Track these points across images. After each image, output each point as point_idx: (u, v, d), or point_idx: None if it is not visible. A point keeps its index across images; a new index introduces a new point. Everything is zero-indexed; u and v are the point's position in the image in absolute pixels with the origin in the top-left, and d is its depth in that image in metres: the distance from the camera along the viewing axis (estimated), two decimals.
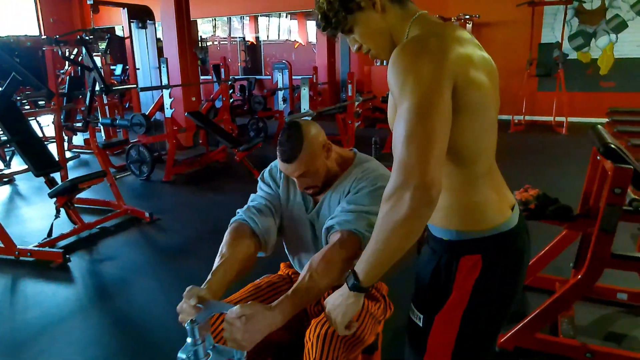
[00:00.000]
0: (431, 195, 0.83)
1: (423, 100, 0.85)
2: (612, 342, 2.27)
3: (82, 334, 2.39)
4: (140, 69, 6.29)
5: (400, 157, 0.86)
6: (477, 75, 0.92)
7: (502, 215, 1.01)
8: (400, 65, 0.88)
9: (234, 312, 1.04)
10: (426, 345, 1.06)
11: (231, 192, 5.03)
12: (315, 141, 1.38)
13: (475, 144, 0.97)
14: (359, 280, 0.97)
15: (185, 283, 3.07)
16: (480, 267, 0.98)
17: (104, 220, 3.86)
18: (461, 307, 1.00)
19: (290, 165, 1.37)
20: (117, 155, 6.37)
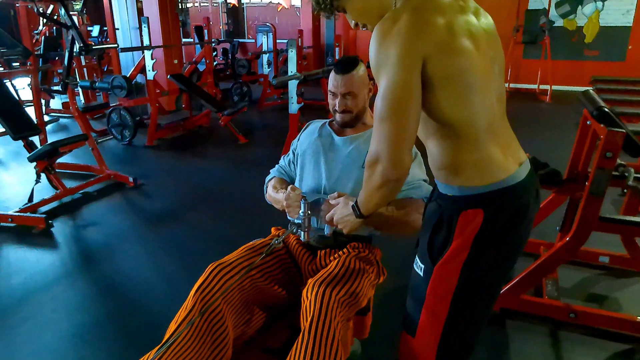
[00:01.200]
0: (399, 173, 1.00)
1: (392, 84, 0.93)
2: (594, 302, 2.34)
3: (67, 300, 2.36)
4: (119, 29, 6.03)
5: (375, 136, 0.99)
6: (457, 43, 0.95)
7: (505, 170, 1.01)
8: (375, 46, 0.96)
9: (333, 196, 1.42)
10: (425, 295, 1.08)
11: (215, 157, 4.96)
12: (365, 74, 1.63)
13: (463, 107, 0.98)
14: (361, 212, 1.22)
15: (170, 249, 3.06)
16: (481, 221, 0.99)
17: (87, 186, 3.78)
18: (460, 259, 1.02)
19: (342, 77, 1.59)
20: (97, 119, 6.19)
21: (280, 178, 1.80)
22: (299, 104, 4.27)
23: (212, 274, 1.37)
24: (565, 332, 2.09)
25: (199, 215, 3.43)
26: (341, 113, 1.64)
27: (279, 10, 11.68)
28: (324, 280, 1.32)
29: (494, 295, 1.13)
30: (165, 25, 6.02)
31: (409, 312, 1.17)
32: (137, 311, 2.26)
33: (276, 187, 1.72)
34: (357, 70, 1.59)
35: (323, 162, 1.66)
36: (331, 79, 1.63)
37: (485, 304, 1.12)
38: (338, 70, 1.60)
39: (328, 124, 1.77)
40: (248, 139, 5.40)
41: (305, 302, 1.28)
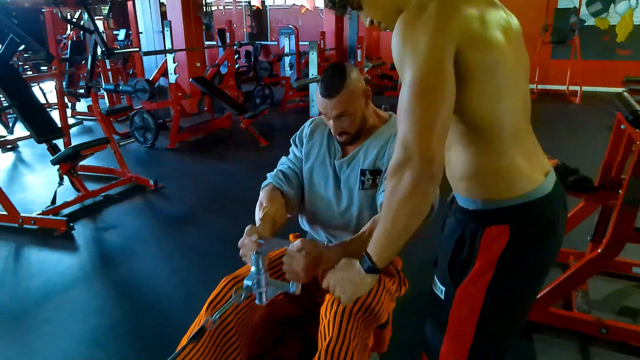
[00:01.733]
0: (432, 171, 0.82)
1: (422, 74, 0.83)
2: (627, 317, 2.21)
3: (85, 302, 2.36)
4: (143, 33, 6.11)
5: (401, 133, 0.85)
6: (489, 34, 0.86)
7: (531, 182, 0.93)
8: (400, 36, 0.86)
9: (296, 246, 1.13)
10: (448, 320, 1.00)
11: (236, 160, 4.95)
12: (357, 83, 1.39)
13: (493, 106, 0.89)
14: (374, 262, 0.96)
15: (188, 252, 3.04)
16: (507, 238, 0.91)
17: (108, 188, 3.81)
18: (485, 280, 0.93)
19: (330, 101, 1.37)
20: (121, 122, 6.27)
21: (272, 189, 1.52)
22: None
23: (226, 289, 1.33)
24: (596, 348, 1.97)
25: (218, 219, 3.41)
26: (339, 136, 1.46)
27: (303, 12, 11.67)
28: None
29: (522, 316, 1.03)
30: (188, 28, 6.06)
31: (430, 337, 1.08)
32: (152, 316, 2.24)
33: (261, 204, 1.45)
34: (346, 86, 1.36)
35: (331, 189, 1.50)
36: (318, 100, 1.41)
37: (513, 326, 1.03)
38: (324, 93, 1.38)
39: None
40: (269, 142, 5.37)
41: (324, 321, 1.21)
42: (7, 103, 3.36)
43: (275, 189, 1.53)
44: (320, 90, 1.39)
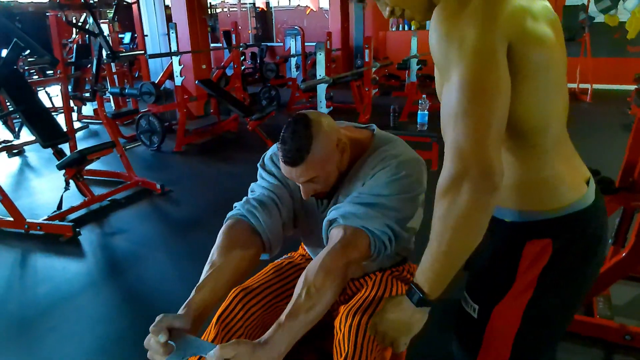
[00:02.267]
0: (494, 181, 0.72)
1: (473, 73, 0.72)
2: None
3: (92, 310, 2.31)
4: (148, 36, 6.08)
5: (452, 141, 0.74)
6: (539, 29, 0.77)
7: (576, 191, 0.85)
8: (441, 31, 0.74)
9: (214, 357, 0.83)
10: (482, 340, 0.92)
11: (243, 162, 4.90)
12: (327, 140, 1.10)
13: (541, 110, 0.81)
14: (425, 293, 0.85)
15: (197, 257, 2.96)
16: (550, 253, 0.83)
17: (115, 193, 3.76)
18: (525, 298, 0.86)
19: (294, 169, 1.10)
20: (127, 125, 6.24)
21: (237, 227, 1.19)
22: (328, 107, 4.16)
23: (235, 301, 1.26)
24: (620, 356, 1.90)
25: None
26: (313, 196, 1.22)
27: (308, 13, 11.62)
28: (358, 307, 1.17)
29: (561, 333, 0.96)
30: (194, 30, 6.03)
31: (459, 358, 1.01)
32: None
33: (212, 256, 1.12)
34: (311, 152, 1.08)
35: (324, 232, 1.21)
36: (281, 165, 1.14)
37: (551, 344, 0.96)
38: (285, 162, 1.10)
39: None
40: None
41: (339, 334, 1.14)
42: (13, 108, 3.33)
43: (240, 225, 1.19)
44: (281, 155, 1.10)
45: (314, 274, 0.99)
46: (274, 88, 7.52)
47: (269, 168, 1.32)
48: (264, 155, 1.37)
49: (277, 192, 1.25)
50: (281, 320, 0.92)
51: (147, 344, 0.94)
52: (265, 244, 1.20)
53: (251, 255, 1.15)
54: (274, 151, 1.35)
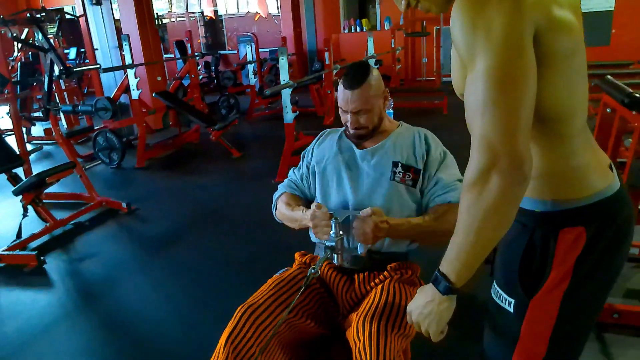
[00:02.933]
0: (524, 172, 0.73)
1: (500, 62, 0.71)
2: (634, 299, 2.20)
3: (70, 343, 2.16)
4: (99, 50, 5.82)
5: (480, 132, 0.73)
6: (565, 15, 0.76)
7: (604, 178, 0.85)
8: (465, 19, 0.73)
9: (366, 212, 1.30)
10: (519, 334, 0.90)
11: (210, 173, 4.77)
12: (377, 81, 1.46)
13: (569, 97, 0.80)
14: (452, 281, 0.85)
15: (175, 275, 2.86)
16: (584, 241, 0.82)
17: (78, 215, 3.56)
18: (562, 288, 0.85)
19: (352, 93, 1.42)
20: (81, 144, 5.96)
21: (291, 194, 1.62)
22: (294, 112, 4.12)
23: (243, 319, 1.20)
24: (611, 335, 1.95)
25: (202, 236, 3.25)
26: (354, 130, 1.50)
27: (256, 19, 11.54)
28: (373, 315, 1.16)
29: (594, 322, 0.96)
30: (146, 41, 5.83)
31: (494, 355, 0.99)
32: (148, 349, 2.07)
33: (290, 204, 1.54)
34: (368, 81, 1.43)
35: (347, 180, 1.49)
36: (340, 93, 1.46)
37: (586, 333, 0.95)
38: (346, 85, 1.43)
39: (346, 135, 1.59)
40: (241, 152, 5.22)
41: (358, 344, 1.11)
42: None
43: (293, 194, 1.61)
44: (343, 83, 1.44)
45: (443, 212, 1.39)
46: (232, 96, 7.40)
47: (307, 154, 1.67)
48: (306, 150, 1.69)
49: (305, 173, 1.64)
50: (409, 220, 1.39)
51: (312, 215, 1.37)
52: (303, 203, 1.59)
53: None
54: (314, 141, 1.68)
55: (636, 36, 8.20)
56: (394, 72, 8.61)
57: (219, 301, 2.35)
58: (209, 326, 2.15)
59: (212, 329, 2.16)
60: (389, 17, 9.97)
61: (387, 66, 8.77)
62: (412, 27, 9.84)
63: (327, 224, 1.31)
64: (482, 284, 1.25)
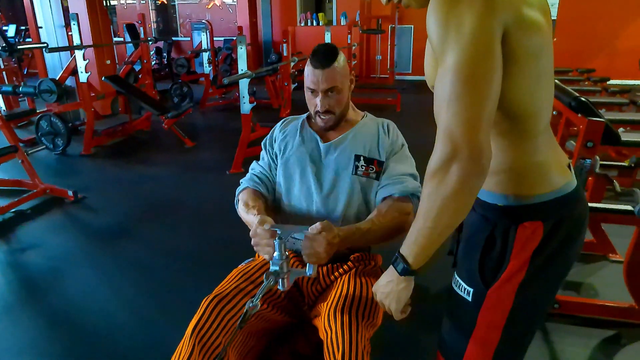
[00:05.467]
0: (482, 164, 0.76)
1: (468, 57, 0.74)
2: (572, 290, 2.36)
3: (13, 339, 2.03)
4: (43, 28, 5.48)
5: (444, 124, 0.77)
6: (533, 15, 0.79)
7: (563, 175, 0.90)
8: (438, 15, 0.75)
9: (316, 229, 1.18)
10: (476, 322, 0.95)
11: (161, 163, 4.63)
12: (346, 62, 1.46)
13: (533, 95, 0.84)
14: (409, 263, 0.90)
15: (126, 268, 2.77)
16: (541, 235, 0.87)
17: (19, 203, 3.35)
18: (517, 280, 0.90)
19: (322, 72, 1.40)
20: (21, 127, 5.61)
21: (253, 190, 1.52)
22: (251, 103, 4.07)
23: (209, 310, 1.19)
24: (552, 324, 2.08)
25: (153, 228, 3.15)
26: (323, 114, 1.46)
27: (209, 7, 11.27)
28: (343, 306, 1.19)
29: (546, 312, 1.02)
30: (95, 23, 5.55)
31: (451, 341, 1.03)
32: (98, 344, 1.99)
33: (247, 204, 1.44)
34: (338, 60, 1.42)
35: (311, 175, 1.47)
36: (309, 74, 1.43)
37: (538, 322, 1.01)
38: (317, 64, 1.40)
39: (308, 124, 1.58)
40: (195, 142, 5.10)
41: (330, 334, 1.13)
42: None
43: (254, 191, 1.52)
44: (313, 62, 1.41)
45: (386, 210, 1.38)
46: (185, 84, 7.20)
47: (267, 147, 1.61)
48: (265, 139, 1.62)
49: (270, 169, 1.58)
50: (357, 225, 1.33)
51: (253, 232, 1.24)
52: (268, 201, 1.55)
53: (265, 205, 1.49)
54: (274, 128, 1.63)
55: (576, 45, 8.72)
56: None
57: (170, 294, 2.30)
58: (160, 319, 2.10)
59: (163, 322, 2.13)
60: (345, 12, 10.03)
61: None
62: (368, 24, 9.96)
63: (269, 243, 1.19)
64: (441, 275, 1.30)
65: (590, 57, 8.44)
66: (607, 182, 2.38)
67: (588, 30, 8.71)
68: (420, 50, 9.87)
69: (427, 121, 0.95)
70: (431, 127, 0.83)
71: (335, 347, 1.10)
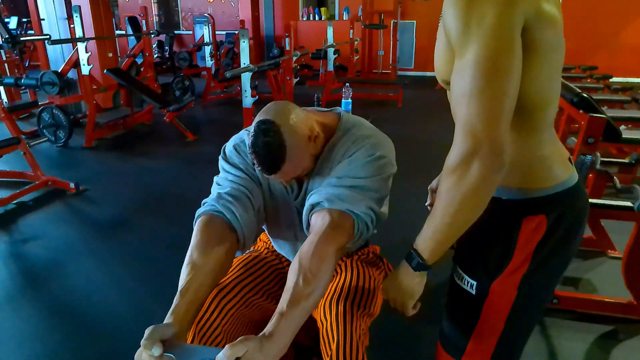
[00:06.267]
0: (503, 160, 0.76)
1: (489, 52, 0.73)
2: (571, 286, 2.37)
3: (14, 329, 2.05)
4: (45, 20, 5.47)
5: (464, 119, 0.76)
6: (551, 10, 0.79)
7: (565, 169, 0.90)
8: (459, 9, 0.75)
9: (225, 357, 0.78)
10: (479, 315, 0.96)
11: (162, 157, 4.64)
12: (300, 141, 1.08)
13: (545, 89, 0.84)
14: (424, 258, 0.90)
15: (126, 259, 2.78)
16: (545, 228, 0.88)
17: (21, 195, 3.37)
18: (520, 273, 0.90)
19: (272, 176, 1.11)
20: (23, 119, 5.62)
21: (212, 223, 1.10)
22: (253, 97, 4.07)
23: (208, 300, 1.19)
24: (551, 319, 2.09)
25: (154, 220, 3.16)
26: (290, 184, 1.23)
27: (211, 1, 11.24)
28: (339, 296, 1.19)
29: (546, 305, 1.03)
30: (97, 15, 5.55)
31: (453, 334, 1.04)
32: (99, 334, 2.01)
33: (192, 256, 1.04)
34: (287, 159, 1.07)
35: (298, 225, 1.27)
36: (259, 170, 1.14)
37: (540, 313, 1.03)
38: (263, 171, 1.10)
39: None
40: (196, 136, 5.11)
41: (325, 324, 1.14)
42: None
43: (216, 222, 1.11)
44: (257, 165, 1.08)
45: (309, 259, 0.97)
46: (187, 78, 7.20)
47: (232, 160, 1.25)
48: (224, 147, 1.29)
49: (247, 185, 1.20)
50: (282, 309, 0.88)
51: (137, 357, 0.86)
52: (240, 240, 1.14)
53: (231, 254, 1.11)
54: (236, 141, 1.28)
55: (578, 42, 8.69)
56: (351, 63, 8.68)
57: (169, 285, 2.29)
58: (159, 309, 2.09)
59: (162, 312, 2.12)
60: (348, 7, 10.01)
61: (345, 57, 8.82)
62: (370, 19, 9.93)
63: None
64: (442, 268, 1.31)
65: (592, 54, 8.41)
66: (607, 178, 2.38)
67: (590, 27, 8.67)
68: (423, 46, 9.85)
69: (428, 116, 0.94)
70: (433, 122, 0.83)
71: (330, 337, 1.10)
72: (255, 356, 0.80)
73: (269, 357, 0.83)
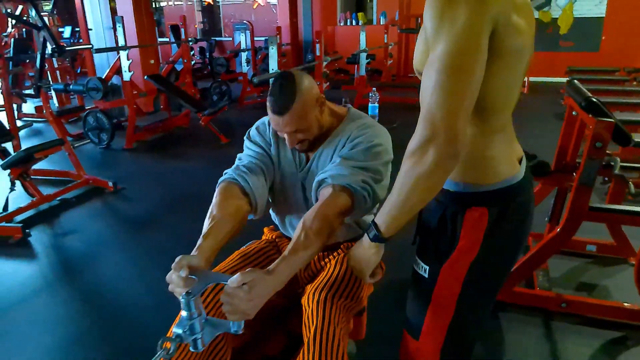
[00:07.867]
0: (457, 148, 0.82)
1: (457, 49, 0.80)
2: (584, 291, 2.35)
3: (48, 312, 2.26)
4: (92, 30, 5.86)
5: (427, 108, 0.83)
6: (519, 19, 0.86)
7: (511, 169, 0.98)
8: (436, 8, 0.82)
9: (235, 282, 0.99)
10: (431, 296, 1.04)
11: (197, 158, 4.86)
12: (309, 94, 1.30)
13: (503, 93, 0.91)
14: (380, 231, 0.98)
15: (154, 254, 2.96)
16: (487, 219, 0.96)
17: (64, 192, 3.65)
18: (468, 259, 0.98)
19: (282, 118, 1.28)
20: (72, 123, 6.01)
21: (230, 186, 1.34)
22: None
23: (207, 291, 1.30)
24: (558, 322, 2.09)
25: (183, 219, 3.35)
26: (296, 146, 1.39)
27: (255, 7, 11.55)
28: (324, 286, 1.27)
29: (497, 291, 1.10)
30: (140, 24, 5.88)
31: (411, 315, 1.13)
32: (123, 322, 2.18)
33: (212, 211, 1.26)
34: (297, 101, 1.27)
35: (301, 197, 1.46)
36: (270, 115, 1.32)
37: (489, 300, 1.10)
38: (274, 110, 1.28)
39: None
40: (229, 139, 5.31)
41: (307, 311, 1.23)
42: None
43: (232, 187, 1.33)
44: (270, 105, 1.28)
45: (312, 220, 1.16)
46: (224, 83, 7.46)
47: (254, 139, 1.49)
48: (250, 129, 1.53)
49: (263, 160, 1.44)
50: (285, 255, 1.10)
51: (169, 278, 1.08)
52: (253, 204, 1.36)
53: (243, 212, 1.32)
54: (259, 123, 1.53)
55: (624, 43, 8.36)
56: (385, 67, 8.70)
57: None
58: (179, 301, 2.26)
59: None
60: (385, 12, 10.04)
61: (380, 61, 8.86)
62: (407, 24, 9.92)
63: None
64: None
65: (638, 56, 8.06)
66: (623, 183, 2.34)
67: (637, 27, 8.32)
68: None
69: None
70: None
71: (310, 322, 1.19)
72: (258, 283, 1.00)
73: (269, 287, 1.03)
